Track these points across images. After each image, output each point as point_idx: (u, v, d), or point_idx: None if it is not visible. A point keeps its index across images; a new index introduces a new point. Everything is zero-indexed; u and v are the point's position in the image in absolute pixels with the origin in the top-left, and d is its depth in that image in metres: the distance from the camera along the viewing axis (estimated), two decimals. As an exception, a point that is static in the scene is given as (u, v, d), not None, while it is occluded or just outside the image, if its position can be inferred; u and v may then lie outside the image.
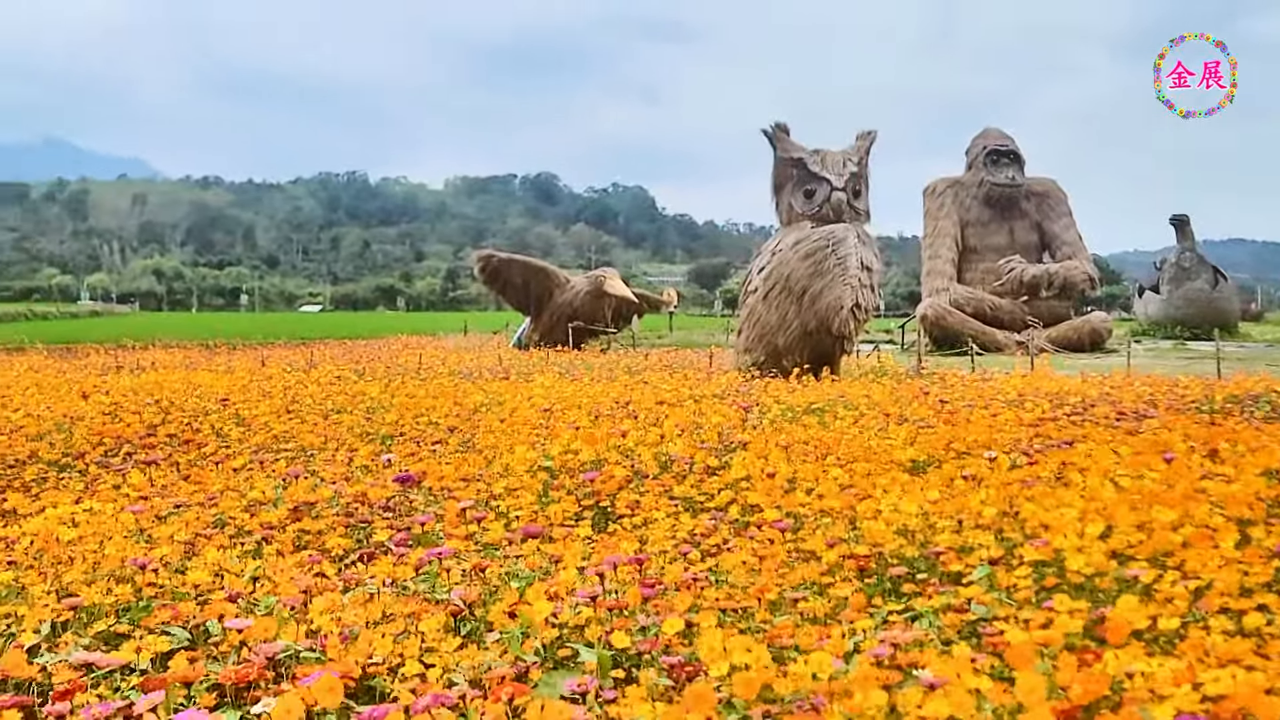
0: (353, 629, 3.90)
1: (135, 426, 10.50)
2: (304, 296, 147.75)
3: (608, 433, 8.52)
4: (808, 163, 19.10)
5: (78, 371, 20.55)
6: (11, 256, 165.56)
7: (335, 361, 24.27)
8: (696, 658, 3.45)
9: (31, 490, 8.02)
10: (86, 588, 4.55)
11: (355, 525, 6.03)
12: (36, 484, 8.25)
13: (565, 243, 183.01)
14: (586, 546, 5.27)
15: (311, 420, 10.78)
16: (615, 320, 37.73)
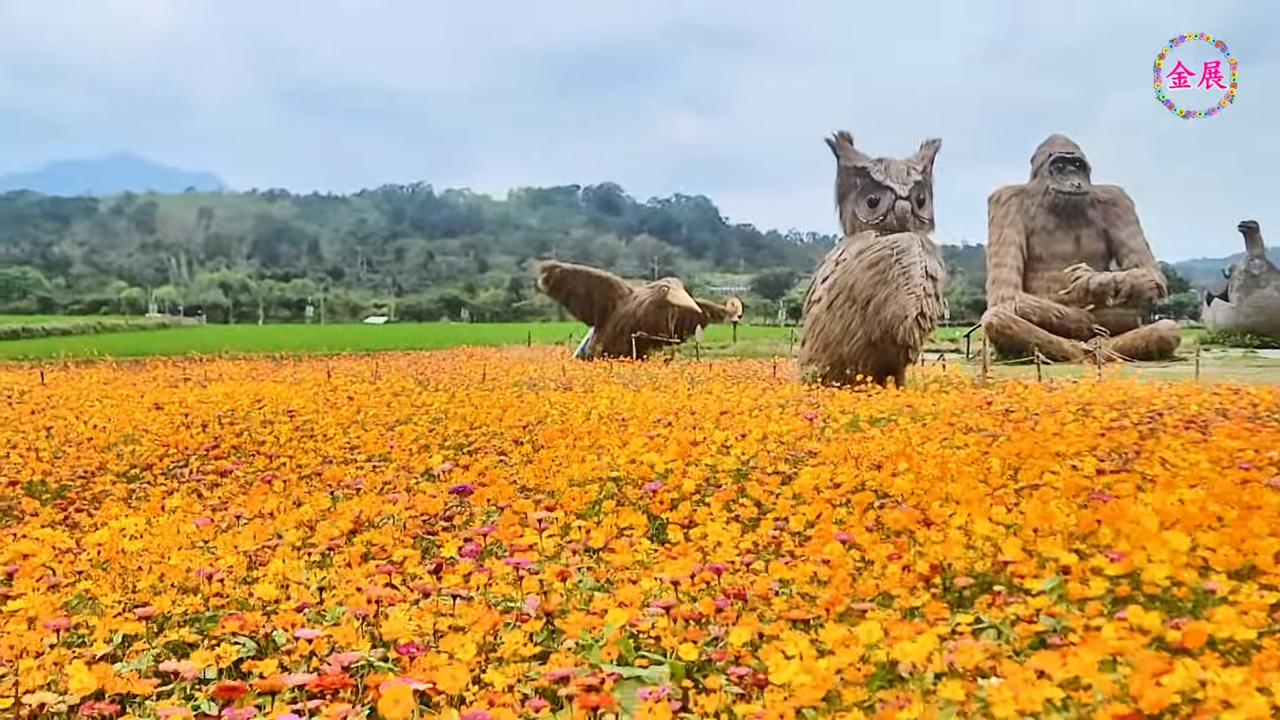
0: (427, 638, 3.89)
1: (202, 438, 10.57)
2: (369, 308, 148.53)
3: (672, 443, 8.49)
4: (871, 171, 19.02)
5: (146, 384, 20.72)
6: (81, 270, 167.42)
7: (400, 373, 24.36)
8: (764, 667, 3.43)
9: (100, 501, 8.08)
10: (155, 598, 4.57)
11: (421, 536, 6.03)
12: (105, 495, 8.31)
13: (628, 253, 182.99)
14: (651, 556, 5.25)
15: (377, 431, 10.82)
16: (679, 330, 37.64)
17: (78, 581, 5.00)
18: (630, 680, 3.63)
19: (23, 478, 8.95)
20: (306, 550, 5.59)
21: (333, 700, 3.34)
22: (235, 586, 4.77)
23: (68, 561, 5.40)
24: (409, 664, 3.58)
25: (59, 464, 9.48)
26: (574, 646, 3.88)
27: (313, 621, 4.21)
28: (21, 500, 8.27)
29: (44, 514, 7.31)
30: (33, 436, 11.13)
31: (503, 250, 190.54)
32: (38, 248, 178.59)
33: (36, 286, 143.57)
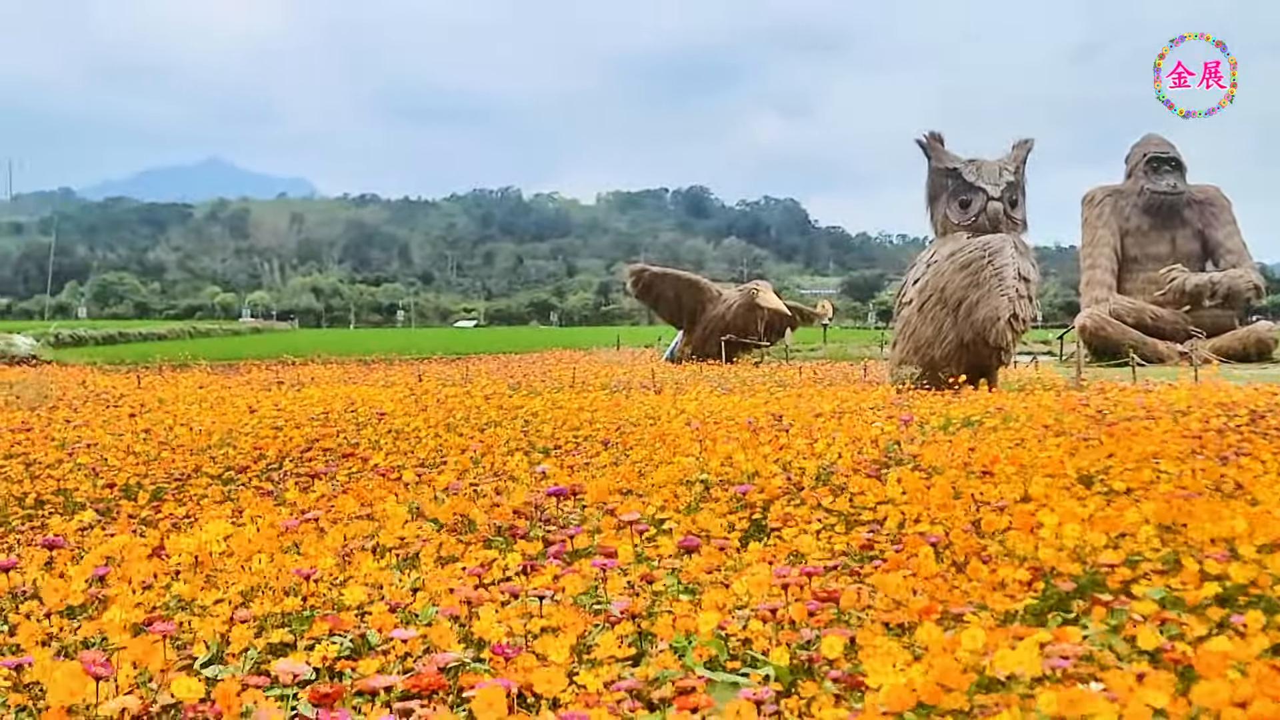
0: (520, 639, 3.89)
1: (296, 440, 10.66)
2: (458, 312, 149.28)
3: (762, 445, 8.47)
4: (963, 173, 18.89)
5: (240, 387, 20.95)
6: (176, 275, 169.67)
7: (490, 376, 24.48)
8: (859, 671, 3.40)
9: (198, 503, 8.16)
10: (251, 600, 4.60)
11: (510, 538, 6.04)
12: (201, 497, 8.39)
13: (717, 256, 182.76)
14: (741, 559, 5.23)
15: (467, 434, 10.86)
16: (768, 333, 37.61)
17: (173, 583, 5.04)
18: (724, 684, 3.61)
19: (119, 480, 9.06)
20: (398, 551, 5.62)
21: (428, 701, 3.34)
22: (329, 588, 4.80)
23: (163, 563, 5.45)
24: (504, 665, 3.58)
25: (155, 466, 9.60)
26: (666, 649, 3.86)
27: (406, 622, 4.22)
28: (119, 502, 8.38)
29: (140, 516, 7.40)
30: (129, 439, 11.27)
31: (591, 254, 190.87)
32: (134, 253, 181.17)
33: (133, 292, 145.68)
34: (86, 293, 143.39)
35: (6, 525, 8.05)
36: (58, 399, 18.59)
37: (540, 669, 3.27)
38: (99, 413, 14.66)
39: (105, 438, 11.46)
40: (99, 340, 65.32)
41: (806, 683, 3.46)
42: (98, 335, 67.85)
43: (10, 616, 4.85)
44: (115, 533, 6.57)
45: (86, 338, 65.30)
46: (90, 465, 9.71)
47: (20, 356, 42.86)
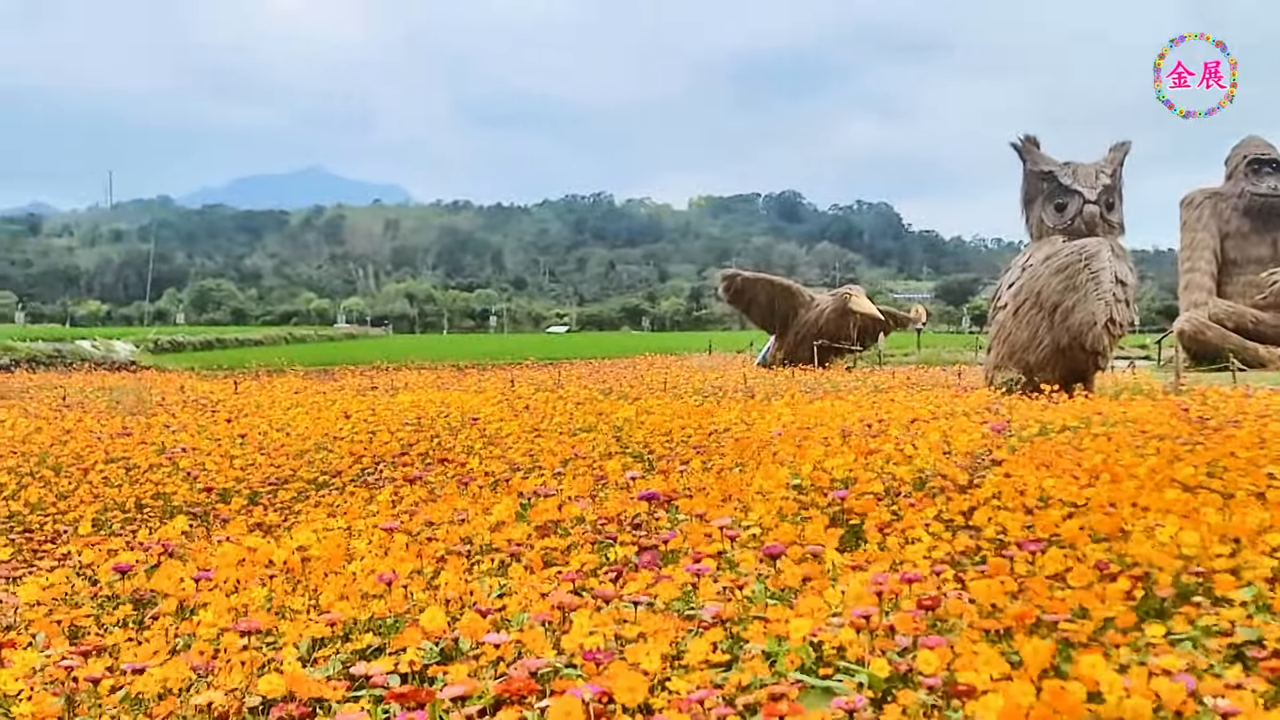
0: (612, 644, 3.88)
1: (390, 445, 10.73)
2: (551, 317, 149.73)
3: (857, 451, 8.41)
4: (1059, 175, 18.71)
5: (335, 392, 21.13)
6: (273, 281, 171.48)
7: (582, 381, 24.53)
8: (955, 679, 3.36)
9: (292, 507, 8.24)
10: (340, 602, 4.63)
11: (602, 543, 6.04)
12: (296, 501, 8.47)
13: (809, 261, 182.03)
14: (835, 566, 5.19)
15: (559, 439, 10.88)
16: (861, 338, 37.39)
17: (264, 586, 5.08)
18: (816, 691, 3.58)
19: (217, 484, 9.16)
20: (489, 556, 5.63)
21: (518, 705, 3.34)
22: (421, 591, 4.81)
23: (257, 566, 5.50)
24: (595, 670, 3.57)
25: (251, 471, 9.70)
26: (758, 655, 3.84)
27: (498, 627, 4.22)
28: (215, 506, 8.48)
29: (236, 520, 7.47)
30: (226, 444, 11.40)
31: (683, 259, 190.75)
32: (231, 260, 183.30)
33: (230, 298, 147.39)
34: (185, 299, 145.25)
35: (108, 529, 8.16)
36: (156, 404, 18.84)
37: (626, 674, 3.26)
38: (196, 418, 14.84)
39: (202, 442, 11.60)
40: (197, 346, 66.23)
41: (903, 691, 3.43)
42: (195, 341, 68.79)
43: (103, 618, 4.92)
44: (213, 537, 6.64)
45: (185, 343, 66.22)
46: (188, 470, 9.83)
47: (120, 362, 43.56)
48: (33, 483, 9.71)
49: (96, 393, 23.21)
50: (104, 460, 10.62)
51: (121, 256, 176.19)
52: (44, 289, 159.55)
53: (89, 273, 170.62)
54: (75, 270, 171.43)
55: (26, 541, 7.91)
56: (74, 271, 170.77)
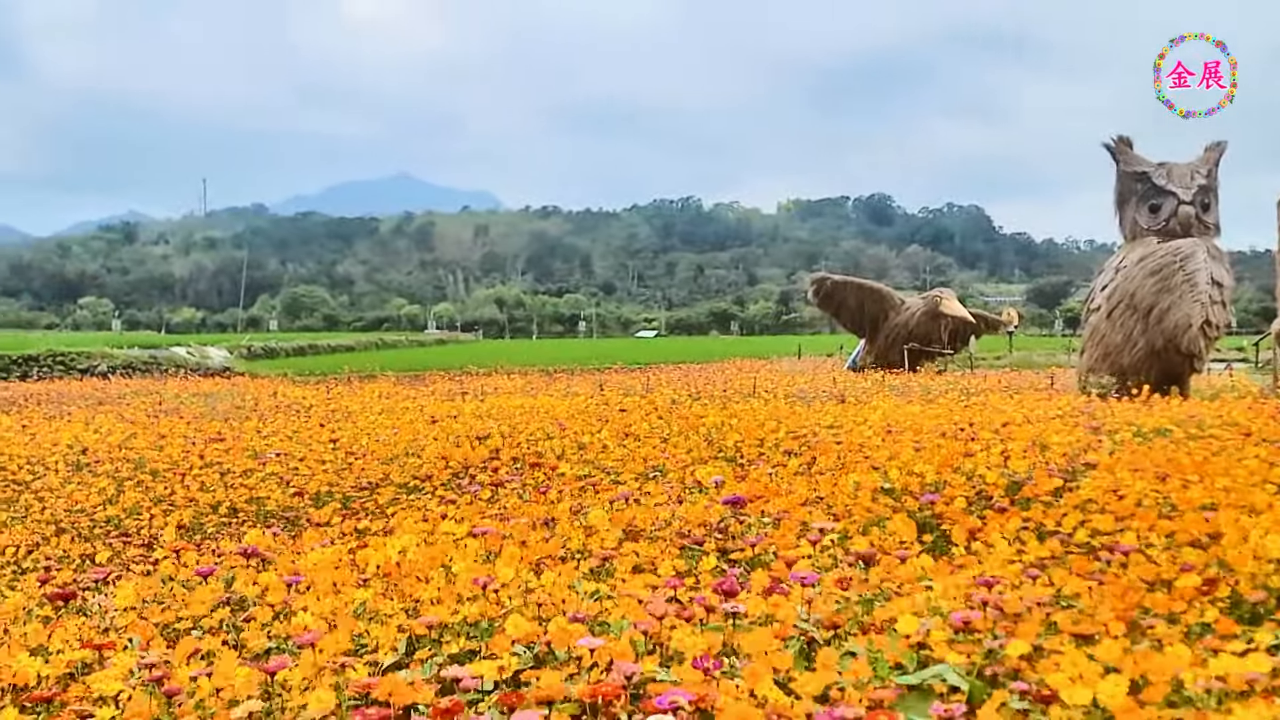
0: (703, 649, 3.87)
1: (480, 450, 10.77)
2: (639, 322, 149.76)
3: (948, 454, 8.35)
4: (1153, 176, 18.51)
5: (425, 398, 21.26)
6: (364, 288, 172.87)
7: (670, 385, 24.54)
8: (1044, 682, 3.33)
9: (384, 511, 8.30)
10: (434, 607, 4.65)
11: (689, 548, 6.03)
12: (389, 505, 8.53)
13: (899, 264, 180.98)
14: (925, 570, 5.15)
15: (649, 443, 10.87)
16: (952, 341, 37.14)
17: (360, 589, 5.12)
18: (915, 695, 3.56)
19: (310, 488, 9.24)
20: (580, 560, 5.63)
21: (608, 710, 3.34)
22: (513, 596, 4.82)
23: (352, 570, 5.54)
24: (699, 679, 3.56)
25: (344, 475, 9.77)
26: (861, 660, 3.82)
27: (593, 632, 4.22)
28: (308, 510, 8.55)
29: (330, 524, 7.53)
30: (319, 449, 11.50)
31: (772, 263, 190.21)
32: (323, 267, 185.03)
33: (322, 305, 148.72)
34: (277, 305, 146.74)
35: (203, 532, 8.26)
36: (250, 409, 19.05)
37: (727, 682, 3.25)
38: (289, 423, 14.98)
39: (295, 447, 11.71)
40: (289, 352, 66.82)
41: (995, 693, 3.40)
42: (288, 347, 69.39)
43: (205, 621, 4.97)
44: (305, 541, 6.70)
45: (278, 350, 66.82)
46: (281, 474, 9.92)
47: (214, 368, 44.10)
48: (130, 487, 9.85)
49: (191, 398, 23.53)
50: (200, 465, 10.76)
51: (215, 264, 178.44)
52: (140, 296, 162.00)
53: (184, 280, 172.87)
54: (170, 278, 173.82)
55: (124, 545, 8.02)
56: (169, 279, 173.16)
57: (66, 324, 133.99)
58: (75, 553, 7.80)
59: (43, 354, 41.59)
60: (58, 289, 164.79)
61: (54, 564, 7.12)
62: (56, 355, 41.74)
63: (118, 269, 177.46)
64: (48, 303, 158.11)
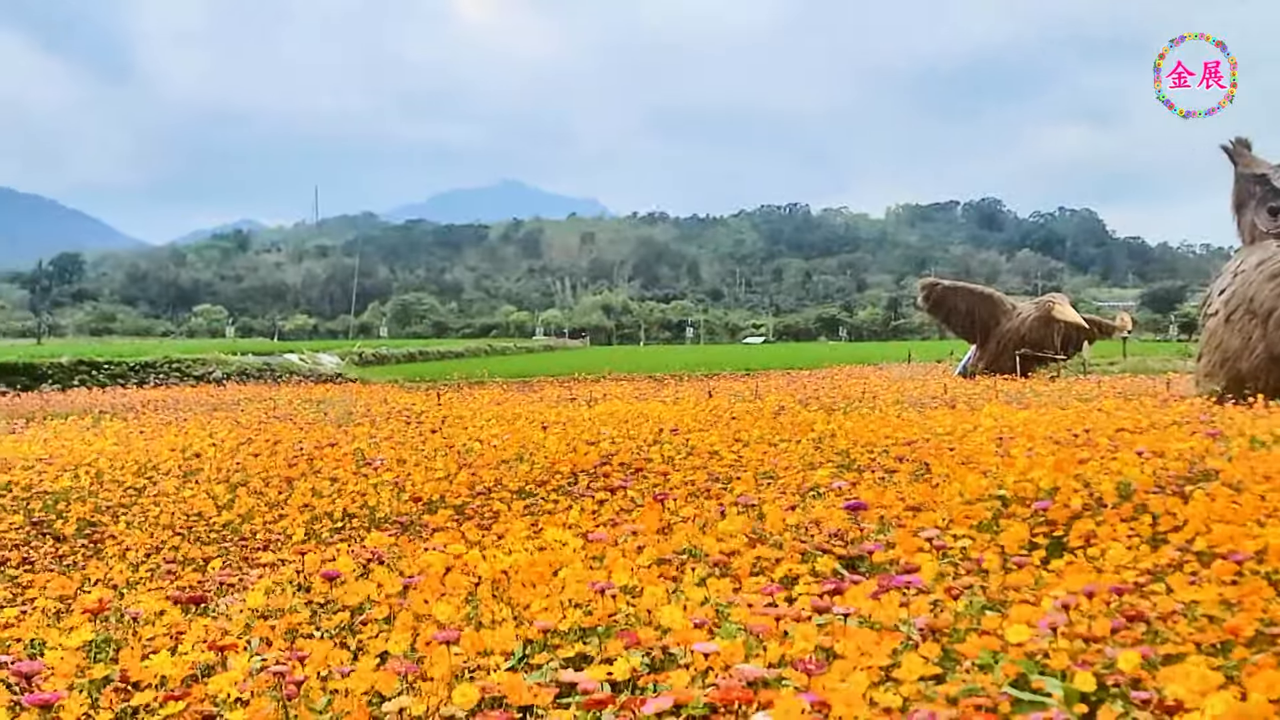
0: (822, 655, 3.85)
1: (590, 456, 10.79)
2: (747, 328, 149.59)
3: (1063, 461, 8.24)
4: (1272, 179, 18.22)
5: (534, 403, 21.36)
6: (473, 295, 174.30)
7: (779, 391, 24.46)
8: (1164, 693, 3.27)
9: (497, 517, 8.33)
10: (546, 612, 4.66)
11: (808, 553, 6.00)
12: (502, 511, 8.56)
13: (1010, 269, 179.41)
14: (1038, 576, 5.09)
15: (760, 449, 10.85)
16: (1064, 347, 36.74)
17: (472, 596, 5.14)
18: (1029, 703, 3.51)
19: (423, 494, 9.31)
20: (693, 565, 5.62)
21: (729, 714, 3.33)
22: (628, 601, 4.82)
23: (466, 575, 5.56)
24: (808, 681, 3.54)
25: (455, 482, 9.83)
26: (970, 668, 3.78)
27: (711, 637, 4.21)
28: (421, 517, 8.61)
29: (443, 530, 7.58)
30: (430, 455, 11.58)
31: (880, 268, 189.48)
32: (432, 274, 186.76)
33: (431, 312, 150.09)
34: (387, 312, 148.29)
35: (317, 538, 8.35)
36: (361, 416, 19.23)
37: (839, 688, 3.22)
38: (400, 429, 15.10)
39: (407, 453, 11.80)
40: (399, 358, 67.53)
41: (1112, 704, 3.35)
42: (398, 354, 70.14)
43: (323, 624, 5.02)
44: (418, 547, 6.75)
45: (388, 356, 67.57)
46: (393, 480, 10.00)
47: (326, 375, 44.63)
48: (244, 493, 9.97)
49: (304, 405, 23.79)
50: (312, 472, 10.88)
51: (327, 271, 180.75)
52: (253, 304, 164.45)
53: (296, 288, 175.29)
54: (283, 285, 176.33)
55: (240, 550, 8.13)
56: (281, 287, 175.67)
57: (182, 331, 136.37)
58: (193, 557, 7.92)
59: (159, 360, 42.28)
60: (173, 297, 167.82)
61: (176, 567, 7.23)
62: (172, 362, 42.42)
63: (231, 277, 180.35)
64: (164, 310, 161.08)
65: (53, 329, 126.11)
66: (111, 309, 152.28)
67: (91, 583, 6.88)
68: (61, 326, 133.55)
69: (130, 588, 6.59)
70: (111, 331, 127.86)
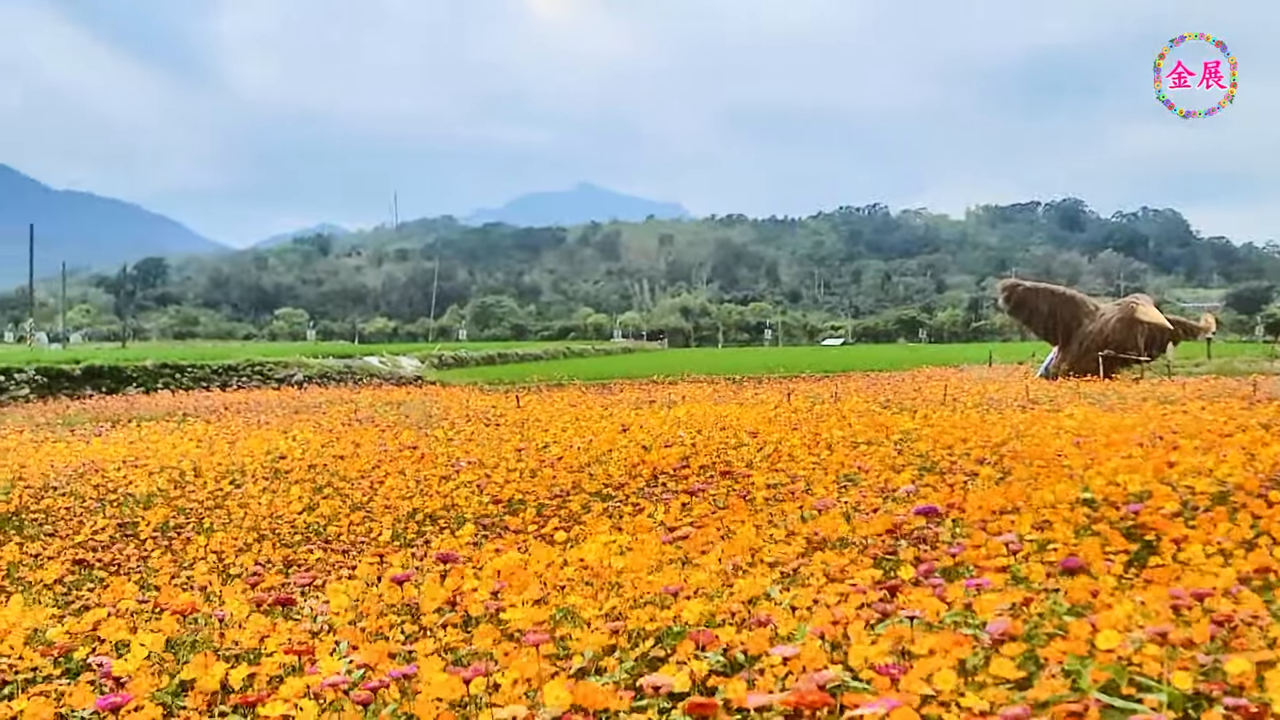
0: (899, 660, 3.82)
1: (669, 458, 10.78)
2: (826, 330, 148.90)
3: (1150, 464, 8.14)
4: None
5: (613, 406, 21.35)
6: (551, 297, 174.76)
7: (859, 394, 24.33)
8: (1267, 700, 3.21)
9: (577, 518, 8.34)
10: (630, 612, 4.65)
11: (882, 557, 5.96)
12: (581, 513, 8.57)
13: (1092, 270, 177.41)
14: (1127, 581, 5.02)
15: (840, 452, 10.79)
16: (1148, 348, 36.33)
17: (558, 595, 5.15)
18: (1117, 710, 3.46)
19: (504, 495, 9.33)
20: (771, 568, 5.60)
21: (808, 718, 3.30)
22: (702, 604, 4.81)
23: (551, 576, 5.57)
24: (886, 685, 3.51)
25: (536, 483, 9.85)
26: (1057, 672, 3.73)
27: (781, 640, 4.19)
28: (503, 517, 8.63)
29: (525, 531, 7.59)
30: (511, 457, 11.60)
31: (960, 269, 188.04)
32: (510, 277, 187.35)
33: (510, 315, 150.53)
34: (467, 315, 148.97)
35: (401, 539, 8.39)
36: (441, 418, 19.31)
37: (926, 690, 3.19)
38: (480, 431, 15.15)
39: (487, 455, 11.83)
40: (479, 361, 67.77)
41: (1208, 711, 3.29)
42: (477, 356, 70.41)
43: (406, 626, 5.04)
44: (501, 548, 6.77)
45: (467, 359, 67.83)
46: (475, 482, 10.04)
47: (406, 377, 44.88)
48: (327, 495, 10.05)
49: (384, 407, 23.93)
50: (395, 473, 10.93)
51: (406, 275, 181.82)
52: (333, 307, 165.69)
53: (376, 291, 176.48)
54: (363, 289, 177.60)
55: (325, 551, 8.18)
56: (361, 290, 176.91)
57: (264, 334, 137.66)
58: (278, 558, 7.97)
59: (242, 364, 42.67)
60: (255, 300, 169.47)
61: (260, 569, 7.28)
62: (255, 365, 42.80)
63: (312, 280, 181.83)
64: (245, 314, 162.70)
65: (137, 332, 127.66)
66: (194, 312, 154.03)
67: (177, 585, 6.94)
68: (145, 330, 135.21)
69: (216, 590, 6.64)
70: (194, 335, 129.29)
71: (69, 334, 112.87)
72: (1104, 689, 3.60)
